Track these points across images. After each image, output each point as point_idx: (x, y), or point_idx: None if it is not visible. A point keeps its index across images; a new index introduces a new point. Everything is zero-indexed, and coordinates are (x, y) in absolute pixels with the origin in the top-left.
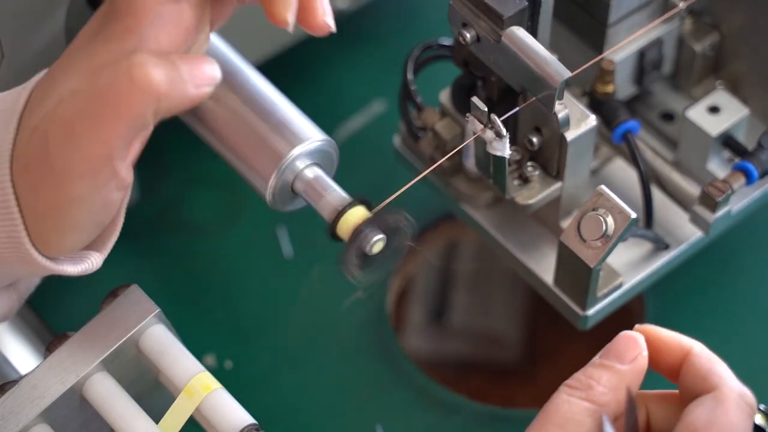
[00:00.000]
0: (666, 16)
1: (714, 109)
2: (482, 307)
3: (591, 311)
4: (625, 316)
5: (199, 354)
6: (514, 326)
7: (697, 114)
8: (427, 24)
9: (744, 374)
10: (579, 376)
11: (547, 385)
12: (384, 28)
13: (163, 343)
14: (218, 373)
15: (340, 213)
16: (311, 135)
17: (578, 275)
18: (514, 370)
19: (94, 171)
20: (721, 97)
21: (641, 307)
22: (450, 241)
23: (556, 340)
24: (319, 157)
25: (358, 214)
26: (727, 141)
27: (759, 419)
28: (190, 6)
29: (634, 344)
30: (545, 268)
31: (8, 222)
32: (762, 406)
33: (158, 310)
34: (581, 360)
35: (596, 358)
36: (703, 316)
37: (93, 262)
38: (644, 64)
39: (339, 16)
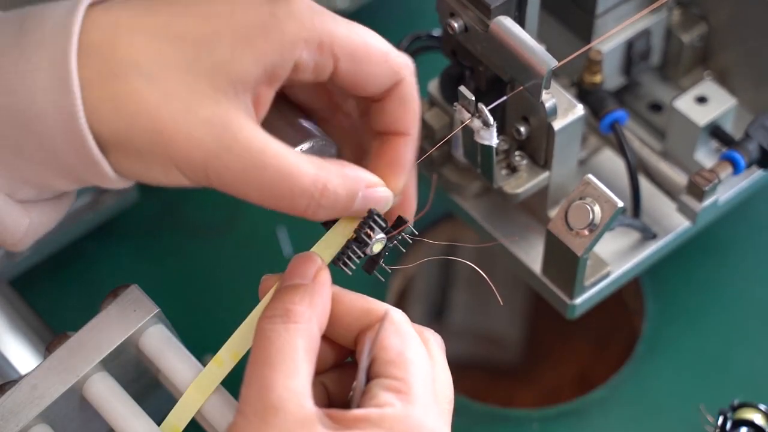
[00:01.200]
0: (654, 6)
1: (702, 100)
2: (482, 307)
3: (579, 300)
4: (625, 313)
5: (199, 354)
6: (514, 326)
7: (685, 104)
8: (426, 24)
9: (744, 372)
10: (273, 306)
11: (547, 385)
12: (383, 27)
13: (163, 343)
14: None
15: None
16: (310, 134)
17: (566, 264)
18: (514, 370)
19: None
20: (708, 87)
21: (640, 305)
22: (450, 241)
23: (555, 340)
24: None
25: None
26: (715, 131)
27: (759, 419)
28: None
29: (310, 261)
30: (533, 257)
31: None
32: (762, 406)
33: (158, 310)
34: (581, 360)
35: (279, 286)
36: (702, 313)
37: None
38: (632, 54)
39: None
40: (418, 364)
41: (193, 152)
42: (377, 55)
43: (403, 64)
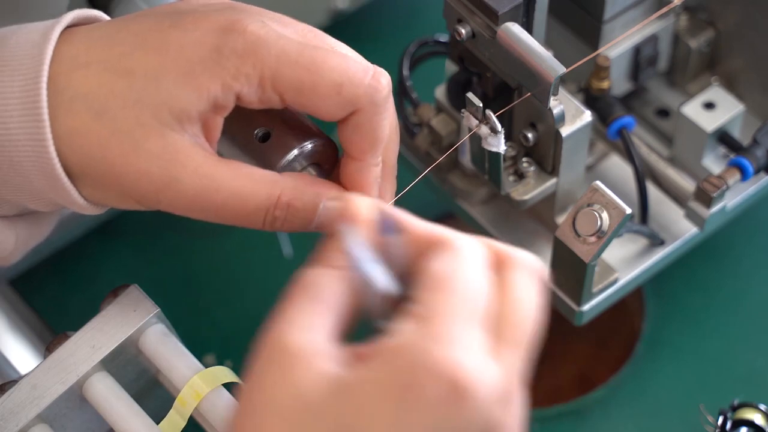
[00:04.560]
0: (661, 11)
1: (709, 105)
2: None
3: (586, 307)
4: (625, 313)
5: (199, 354)
6: None
7: (693, 110)
8: (427, 24)
9: (744, 372)
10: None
11: (547, 385)
12: (384, 28)
13: (163, 343)
14: None
15: None
16: (310, 135)
17: (573, 271)
18: None
19: None
20: (716, 93)
21: (640, 305)
22: None
23: (556, 340)
24: (318, 158)
25: None
26: (723, 137)
27: (759, 419)
28: None
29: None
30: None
31: (34, 120)
32: (762, 406)
33: (158, 310)
34: (581, 360)
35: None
36: (702, 313)
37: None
38: (639, 60)
39: (339, 16)
40: (455, 289)
41: (144, 185)
42: (326, 89)
43: (360, 94)
